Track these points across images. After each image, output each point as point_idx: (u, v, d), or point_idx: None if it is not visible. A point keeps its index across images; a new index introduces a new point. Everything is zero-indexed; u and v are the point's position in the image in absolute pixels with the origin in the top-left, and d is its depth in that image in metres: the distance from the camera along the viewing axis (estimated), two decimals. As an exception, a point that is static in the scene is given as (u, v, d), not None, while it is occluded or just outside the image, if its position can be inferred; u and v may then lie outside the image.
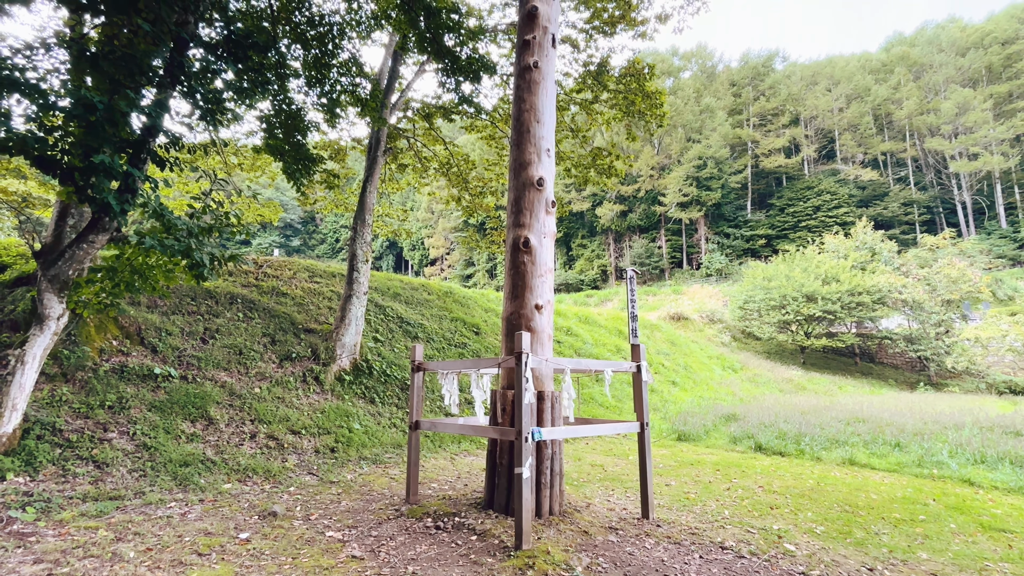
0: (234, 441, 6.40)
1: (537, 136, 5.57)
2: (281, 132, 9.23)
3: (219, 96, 5.79)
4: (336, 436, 7.30)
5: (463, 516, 4.63)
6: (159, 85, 5.62)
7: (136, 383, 6.61)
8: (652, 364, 19.39)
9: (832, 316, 25.86)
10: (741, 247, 52.64)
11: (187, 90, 5.83)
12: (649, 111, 13.04)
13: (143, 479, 5.14)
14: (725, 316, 32.86)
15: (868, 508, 5.69)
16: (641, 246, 54.70)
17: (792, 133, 59.91)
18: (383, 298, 12.50)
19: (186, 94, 5.83)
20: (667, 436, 11.08)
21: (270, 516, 4.50)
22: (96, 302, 6.04)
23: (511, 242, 5.40)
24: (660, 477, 7.13)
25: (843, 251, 30.87)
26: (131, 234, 5.37)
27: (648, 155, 56.54)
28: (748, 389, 19.78)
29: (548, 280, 5.34)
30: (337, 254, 74.69)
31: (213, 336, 8.32)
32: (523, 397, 4.02)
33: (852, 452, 8.76)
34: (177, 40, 5.95)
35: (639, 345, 5.17)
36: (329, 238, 75.96)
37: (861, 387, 23.19)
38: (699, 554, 4.08)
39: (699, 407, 14.55)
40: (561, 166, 15.69)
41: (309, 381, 8.47)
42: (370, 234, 9.89)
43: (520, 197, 5.45)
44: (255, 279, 10.73)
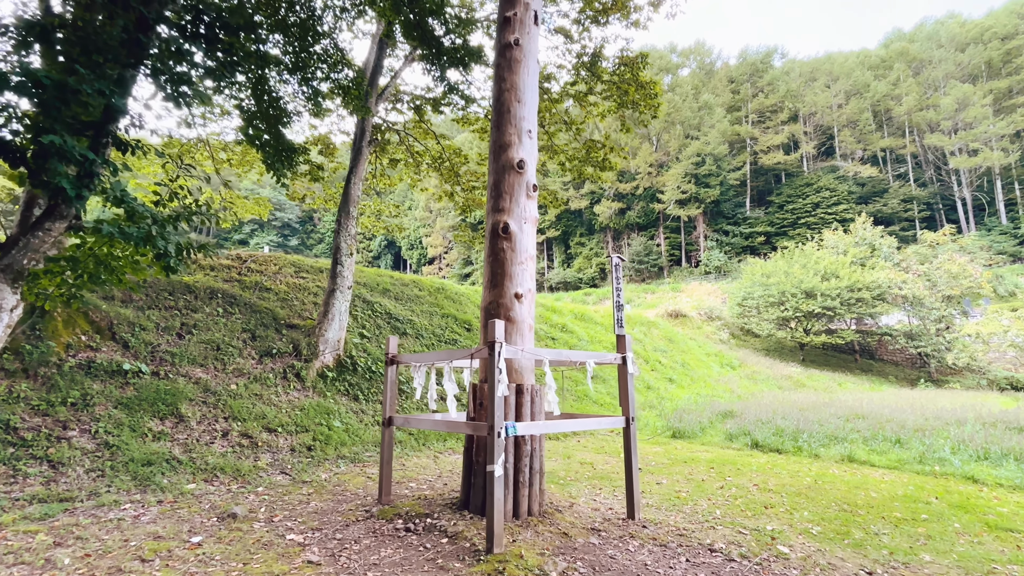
0: (204, 439, 6.12)
1: (518, 116, 5.30)
2: (261, 122, 8.96)
3: (185, 77, 5.49)
4: (315, 434, 7.02)
5: (436, 517, 4.35)
6: (121, 64, 5.34)
7: (103, 379, 6.33)
8: (649, 361, 19.13)
9: (831, 313, 25.58)
10: (740, 244, 52.36)
11: (151, 71, 5.54)
12: (644, 101, 12.76)
13: (100, 479, 4.87)
14: (724, 313, 32.60)
15: (867, 507, 5.42)
16: (640, 244, 54.41)
17: (791, 130, 59.60)
18: (371, 294, 12.22)
19: (150, 74, 5.54)
20: (662, 433, 10.81)
21: (229, 518, 4.22)
22: (58, 294, 5.76)
23: (490, 228, 5.12)
24: (651, 475, 6.85)
25: (842, 247, 30.58)
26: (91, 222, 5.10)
27: (646, 152, 56.25)
28: (746, 386, 19.51)
29: (529, 268, 5.06)
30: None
31: (190, 332, 8.04)
32: (496, 389, 3.74)
33: (851, 449, 8.49)
34: (140, 19, 5.67)
35: (625, 336, 4.89)
36: (327, 237, 75.65)
37: (861, 384, 22.92)
38: (686, 557, 3.80)
39: (696, 404, 14.28)
40: (555, 160, 15.42)
41: (290, 378, 8.19)
42: (355, 227, 9.61)
43: (500, 180, 5.17)
44: (238, 274, 10.45)
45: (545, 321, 17.77)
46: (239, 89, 9.12)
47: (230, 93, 9.15)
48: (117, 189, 5.23)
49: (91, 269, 5.71)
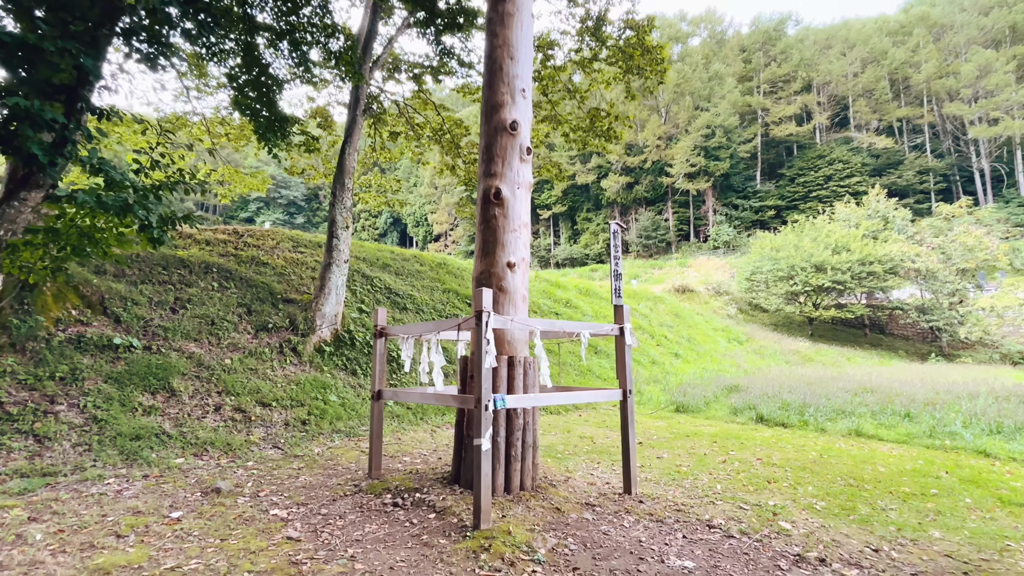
0: (196, 414, 6.03)
1: (510, 74, 4.99)
2: (252, 91, 8.67)
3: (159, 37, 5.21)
4: (310, 408, 6.93)
5: (425, 492, 4.23)
6: (91, 24, 5.07)
7: (93, 354, 6.23)
8: (654, 336, 18.95)
9: (841, 286, 25.15)
10: (750, 218, 51.52)
11: (122, 31, 5.27)
12: (650, 67, 12.27)
13: (87, 454, 4.78)
14: (732, 288, 32.22)
15: (875, 482, 5.24)
16: (647, 219, 53.71)
17: (804, 100, 57.97)
18: (371, 268, 12.04)
19: (121, 34, 5.27)
20: (665, 408, 10.67)
21: (213, 493, 4.12)
22: (42, 267, 5.62)
23: (481, 194, 4.87)
24: (652, 449, 6.71)
25: (854, 220, 29.93)
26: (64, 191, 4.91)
27: (655, 125, 55.05)
28: (753, 361, 19.31)
29: (523, 235, 4.82)
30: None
31: (184, 306, 7.92)
32: (483, 361, 3.55)
33: (859, 423, 8.30)
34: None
35: (622, 306, 4.67)
36: (332, 215, 75.42)
37: (870, 358, 22.64)
38: (682, 533, 3.65)
39: (701, 378, 14.11)
40: (559, 131, 14.99)
41: (286, 352, 8.08)
42: (350, 199, 9.37)
43: (491, 143, 4.90)
44: (234, 248, 10.29)
45: (549, 296, 17.56)
46: (228, 56, 8.82)
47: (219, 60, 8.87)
48: (95, 157, 5.01)
49: (75, 241, 5.55)
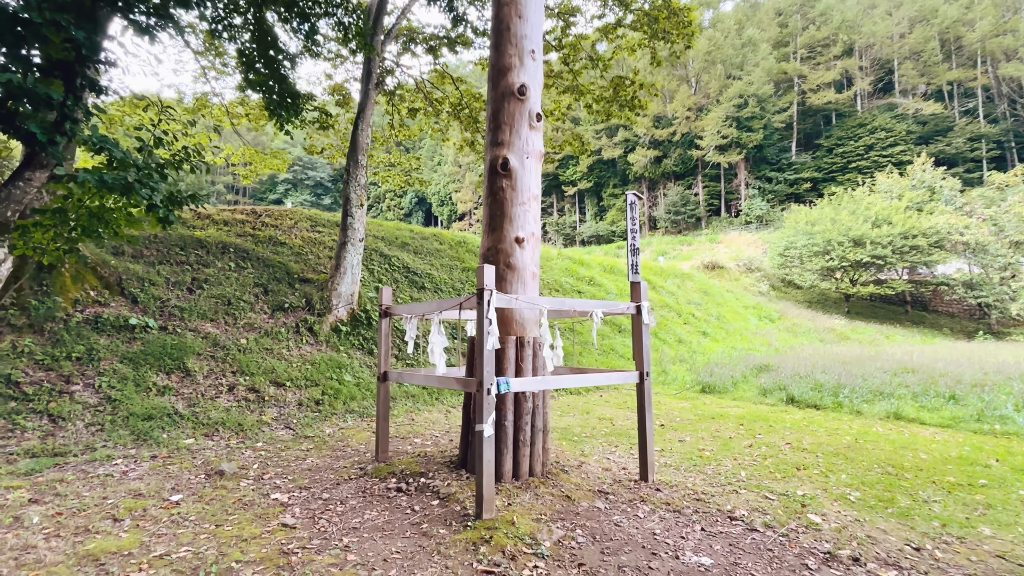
0: (210, 394, 6.03)
1: (518, 35, 4.63)
2: (264, 67, 8.49)
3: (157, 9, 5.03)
4: (324, 388, 6.87)
5: (431, 477, 4.07)
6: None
7: (110, 334, 6.28)
8: (682, 315, 18.44)
9: (881, 261, 23.95)
10: (784, 192, 49.50)
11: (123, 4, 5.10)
12: (676, 30, 11.59)
13: (99, 434, 4.80)
14: (764, 264, 31.15)
15: (916, 470, 4.86)
16: (676, 194, 52.21)
17: (844, 65, 54.79)
18: (389, 247, 11.92)
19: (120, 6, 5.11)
20: (691, 388, 10.32)
21: (216, 475, 4.06)
22: (53, 248, 5.62)
23: (488, 164, 4.58)
24: (674, 432, 6.44)
25: (897, 191, 28.35)
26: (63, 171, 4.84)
27: (684, 95, 53.05)
28: (785, 339, 18.64)
29: (532, 208, 4.53)
30: (369, 210, 74.85)
31: (201, 286, 7.93)
32: (486, 343, 3.33)
33: (898, 405, 7.81)
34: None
35: (640, 283, 4.36)
36: (358, 195, 75.97)
37: (911, 336, 21.61)
38: (701, 525, 3.40)
39: (729, 358, 13.66)
40: (582, 101, 14.45)
41: (302, 332, 8.05)
42: (364, 176, 9.18)
43: (498, 110, 4.58)
44: (252, 228, 10.28)
45: (572, 274, 17.22)
46: (239, 31, 8.65)
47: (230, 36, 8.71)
48: (96, 135, 4.91)
49: (84, 222, 5.52)
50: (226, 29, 8.45)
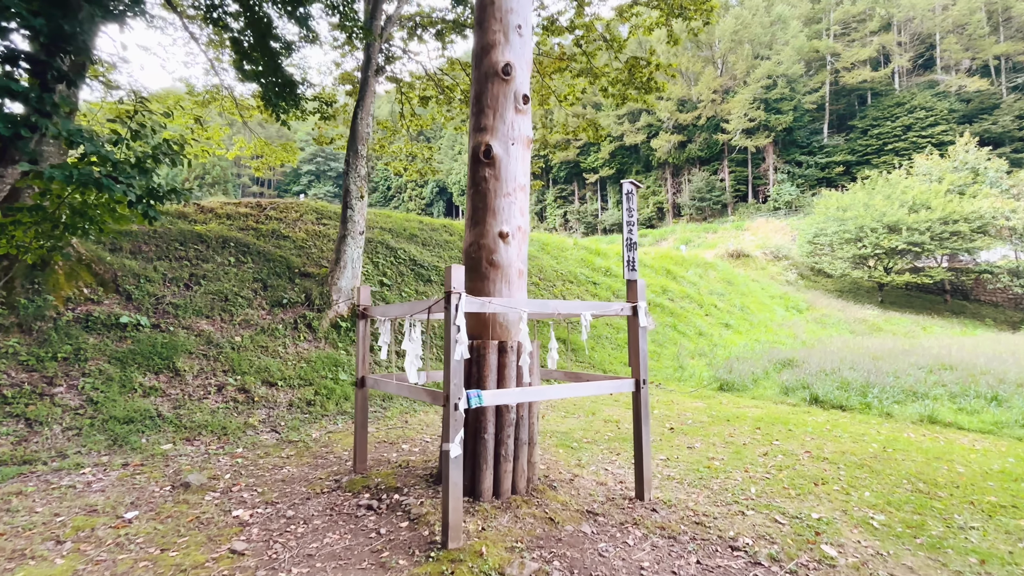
0: (197, 395, 5.86)
1: (503, 8, 4.22)
2: (261, 56, 8.24)
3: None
4: (317, 388, 6.66)
5: (406, 493, 3.77)
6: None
7: (100, 333, 6.16)
8: (703, 306, 17.79)
9: (919, 248, 22.69)
10: (815, 176, 47.53)
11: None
12: (693, 6, 10.91)
13: (75, 439, 4.66)
14: (792, 252, 30.00)
15: (951, 486, 4.35)
16: (701, 179, 50.72)
17: (881, 41, 52.03)
18: (396, 240, 11.66)
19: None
20: (708, 385, 9.82)
21: (182, 487, 3.84)
22: (36, 246, 5.48)
23: (470, 152, 4.21)
24: (684, 436, 6.01)
25: (936, 173, 26.81)
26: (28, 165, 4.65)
27: (709, 77, 51.28)
28: (813, 331, 17.82)
29: (519, 200, 4.14)
30: (389, 202, 75.17)
31: (198, 282, 7.79)
32: (452, 351, 2.98)
33: (934, 407, 7.20)
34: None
35: (636, 281, 3.94)
36: (380, 186, 76.34)
37: (950, 327, 20.46)
38: (697, 557, 3.01)
39: (751, 351, 13.04)
40: (596, 85, 13.88)
41: (301, 328, 7.86)
42: (365, 167, 8.90)
43: (481, 92, 4.19)
44: (255, 222, 10.14)
45: (588, 265, 16.73)
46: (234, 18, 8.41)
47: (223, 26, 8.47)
48: (65, 128, 4.70)
49: (68, 219, 5.36)
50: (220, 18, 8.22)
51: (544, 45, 14.27)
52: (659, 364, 11.48)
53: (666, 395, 8.78)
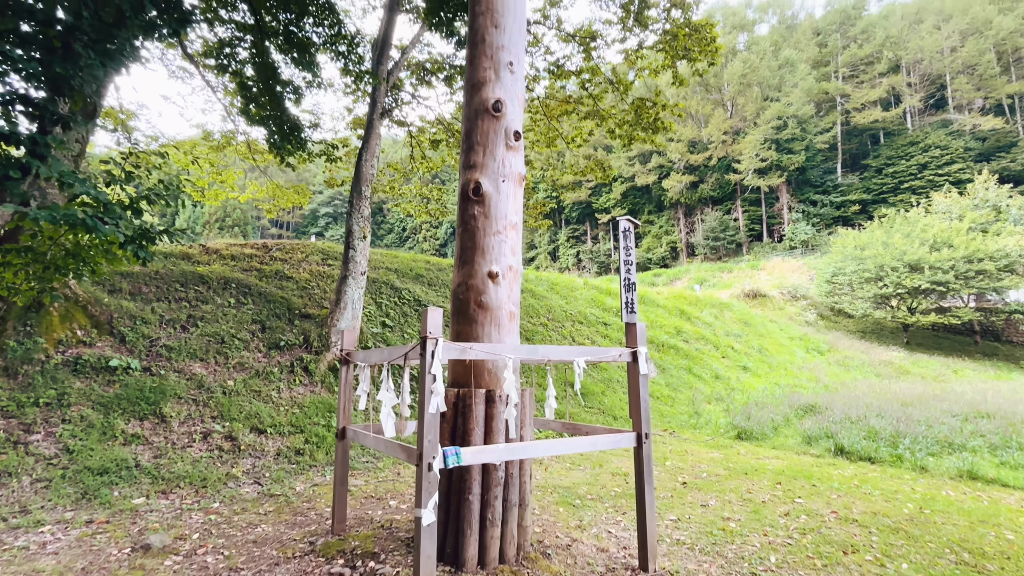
0: (181, 443, 5.60)
1: (494, 46, 4.13)
2: (268, 101, 8.39)
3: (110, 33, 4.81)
4: (308, 435, 6.35)
5: (383, 560, 3.41)
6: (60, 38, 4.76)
7: (89, 376, 5.99)
8: (719, 347, 17.22)
9: (943, 288, 21.94)
10: (830, 215, 47.09)
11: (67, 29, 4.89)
12: (698, 47, 10.99)
13: (43, 492, 4.40)
14: (810, 292, 29.30)
15: (1000, 557, 3.84)
16: (714, 219, 50.56)
17: (891, 82, 52.53)
18: (401, 280, 11.53)
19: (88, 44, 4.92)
20: (725, 433, 9.27)
21: (141, 550, 3.53)
22: (27, 287, 5.40)
23: (460, 189, 4.04)
24: (697, 492, 5.54)
25: (957, 211, 26.27)
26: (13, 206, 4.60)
27: (719, 119, 51.95)
28: (836, 374, 17.07)
29: (510, 239, 3.93)
30: (404, 243, 76.16)
31: (195, 324, 7.66)
32: (427, 403, 2.70)
33: (973, 461, 6.61)
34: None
35: (636, 324, 3.66)
36: (396, 227, 77.60)
37: (983, 371, 19.47)
38: (707, 648, 2.58)
39: (771, 396, 12.43)
40: (604, 126, 13.99)
41: (297, 372, 7.62)
42: (367, 208, 8.86)
43: (471, 129, 4.06)
44: (259, 263, 10.10)
45: (598, 305, 16.41)
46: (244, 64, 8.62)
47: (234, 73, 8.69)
48: (57, 169, 4.67)
49: (59, 260, 5.29)
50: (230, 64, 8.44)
51: (551, 88, 14.49)
52: (673, 410, 10.95)
53: (680, 444, 8.26)
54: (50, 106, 4.86)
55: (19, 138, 4.45)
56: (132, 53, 4.94)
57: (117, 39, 5.02)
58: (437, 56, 13.15)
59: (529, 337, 11.55)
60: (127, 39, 5.03)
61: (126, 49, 4.87)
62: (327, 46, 7.78)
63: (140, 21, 4.99)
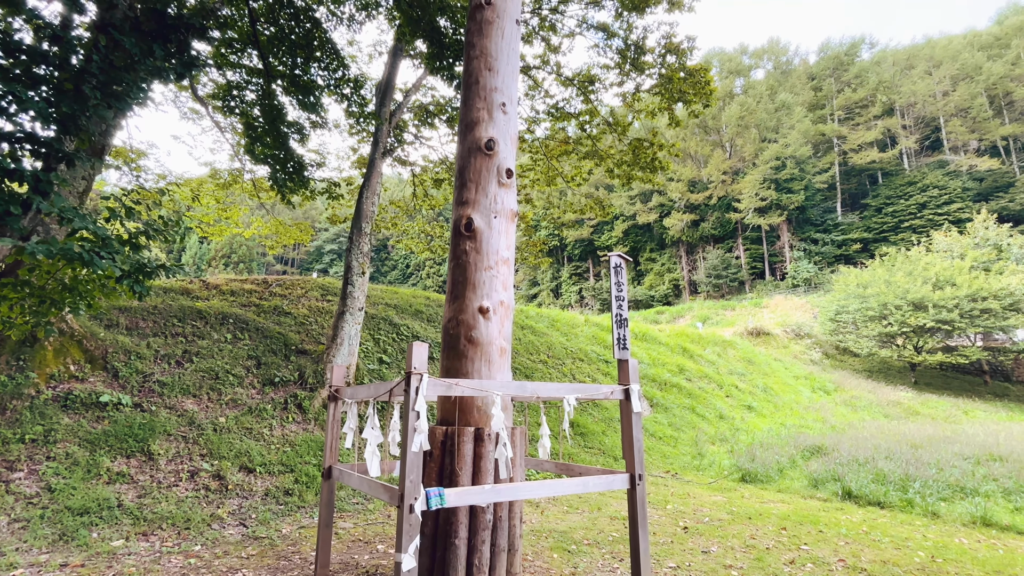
0: (168, 481, 5.46)
1: (488, 87, 4.25)
2: (272, 140, 8.60)
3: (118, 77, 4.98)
4: (298, 474, 6.19)
5: (365, 609, 3.25)
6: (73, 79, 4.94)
7: (78, 412, 5.91)
8: (723, 387, 16.96)
9: (949, 327, 21.72)
10: (832, 253, 47.26)
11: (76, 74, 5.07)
12: (693, 90, 11.29)
13: (20, 532, 4.26)
14: (815, 330, 29.05)
15: (1019, 612, 3.63)
16: (716, 257, 50.78)
17: (886, 124, 53.69)
18: (400, 316, 11.51)
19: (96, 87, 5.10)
20: (729, 476, 9.00)
21: (113, 597, 3.38)
22: (21, 322, 5.40)
23: (452, 225, 4.08)
24: (699, 538, 5.32)
25: (958, 250, 26.31)
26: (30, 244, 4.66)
27: (719, 159, 52.93)
28: (843, 415, 16.71)
29: (501, 274, 3.93)
30: (408, 279, 76.51)
31: (191, 359, 7.61)
32: (410, 441, 2.63)
33: (986, 506, 6.36)
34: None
35: (628, 361, 3.60)
36: (400, 264, 78.15)
37: (995, 412, 19.04)
38: None
39: (777, 437, 12.14)
40: (603, 166, 14.27)
41: (290, 408, 7.51)
42: (367, 244, 8.94)
43: (464, 167, 4.13)
44: (258, 298, 10.12)
45: (599, 342, 16.28)
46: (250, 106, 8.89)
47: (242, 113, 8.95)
48: (57, 204, 4.75)
49: (56, 294, 5.31)
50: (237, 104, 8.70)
51: (552, 130, 14.85)
52: (676, 450, 10.68)
53: (683, 487, 8.01)
54: (56, 144, 4.98)
55: (23, 174, 4.53)
56: (140, 95, 5.10)
57: (125, 82, 5.20)
58: (440, 98, 13.54)
59: (528, 374, 11.41)
60: (135, 82, 5.20)
61: (133, 92, 5.03)
62: (332, 89, 8.03)
63: (148, 65, 5.18)
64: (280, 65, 8.03)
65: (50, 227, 6.32)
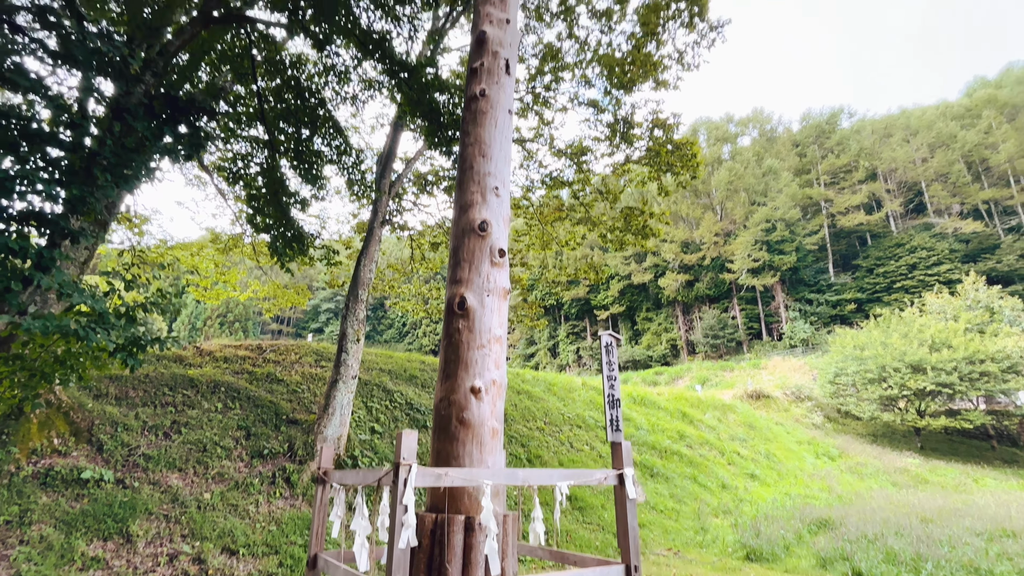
0: (145, 566, 5.20)
1: (481, 172, 4.45)
2: (271, 210, 8.86)
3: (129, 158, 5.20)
4: (283, 557, 5.91)
5: None
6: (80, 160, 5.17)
7: (57, 490, 5.71)
8: (725, 453, 16.54)
9: (950, 390, 21.52)
10: (827, 313, 47.54)
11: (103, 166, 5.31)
12: (680, 162, 11.80)
13: (-19, 628, 4.01)
14: (815, 392, 28.70)
15: None
16: (712, 317, 50.96)
17: (870, 188, 55.66)
18: (394, 381, 11.38)
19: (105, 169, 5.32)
20: (733, 553, 8.62)
21: None
22: (9, 395, 5.33)
23: (446, 304, 4.14)
24: (703, 629, 5.03)
25: (951, 312, 26.52)
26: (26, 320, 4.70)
27: (710, 222, 54.32)
28: (849, 482, 16.21)
29: (494, 353, 3.95)
30: (404, 338, 76.13)
31: (179, 430, 7.45)
32: (397, 537, 2.56)
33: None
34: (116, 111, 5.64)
35: (621, 444, 3.56)
36: (396, 323, 78.04)
37: (1005, 479, 18.50)
38: None
39: (782, 508, 11.73)
40: (595, 231, 14.65)
41: (278, 483, 7.27)
42: (363, 311, 9.00)
43: (458, 247, 4.25)
44: (252, 365, 10.04)
45: (596, 407, 16.03)
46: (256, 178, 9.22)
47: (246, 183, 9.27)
48: (58, 280, 4.82)
49: (46, 368, 5.29)
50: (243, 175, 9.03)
51: (546, 197, 15.35)
52: (678, 524, 10.26)
53: (685, 567, 7.65)
54: (62, 222, 5.12)
55: (27, 252, 4.63)
56: (148, 175, 5.31)
57: (135, 162, 5.43)
58: (438, 168, 14.07)
59: (524, 443, 11.15)
60: (144, 162, 5.44)
61: (141, 172, 5.24)
62: (334, 161, 8.38)
63: (159, 147, 5.44)
64: (283, 136, 8.40)
65: (47, 298, 6.38)
